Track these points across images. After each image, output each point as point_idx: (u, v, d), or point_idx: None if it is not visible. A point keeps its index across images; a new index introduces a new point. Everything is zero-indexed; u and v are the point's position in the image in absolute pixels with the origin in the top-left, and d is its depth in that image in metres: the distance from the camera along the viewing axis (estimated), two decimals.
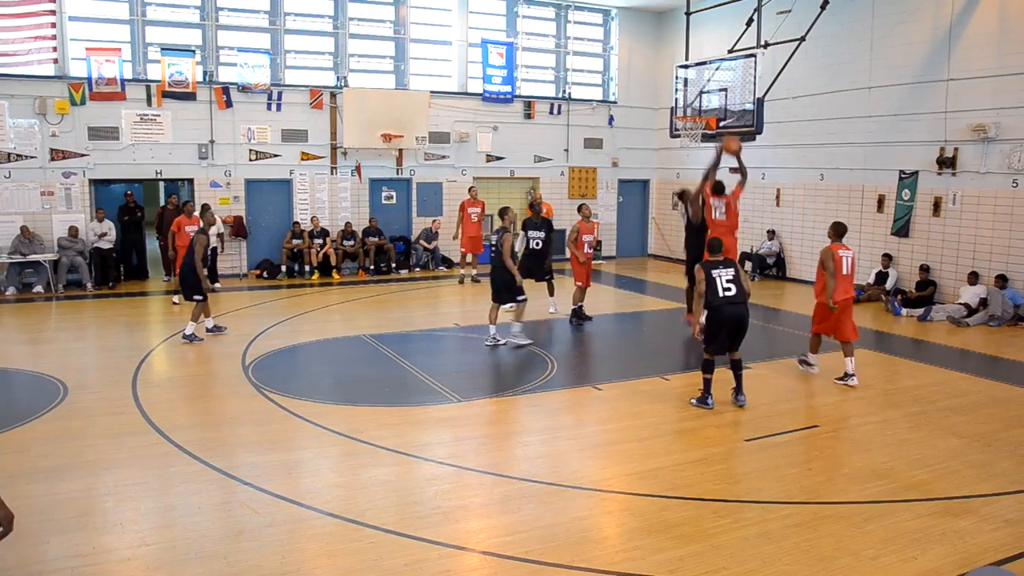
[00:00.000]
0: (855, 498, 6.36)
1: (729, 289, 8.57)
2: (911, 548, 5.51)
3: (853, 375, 9.71)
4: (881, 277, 15.63)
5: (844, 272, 9.74)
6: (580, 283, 13.22)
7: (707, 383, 8.76)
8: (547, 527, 5.77)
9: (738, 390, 8.84)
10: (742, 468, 7.03)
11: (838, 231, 9.99)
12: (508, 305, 11.51)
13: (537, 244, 13.28)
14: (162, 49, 16.75)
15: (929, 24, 14.92)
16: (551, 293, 13.91)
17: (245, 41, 17.88)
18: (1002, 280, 13.65)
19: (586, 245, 13.20)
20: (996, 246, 14.03)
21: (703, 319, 8.74)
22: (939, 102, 14.73)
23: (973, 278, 14.04)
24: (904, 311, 14.36)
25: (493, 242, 11.55)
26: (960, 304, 13.90)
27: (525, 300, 11.49)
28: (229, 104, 17.47)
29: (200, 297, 11.49)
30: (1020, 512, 6.14)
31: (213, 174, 17.54)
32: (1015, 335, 12.77)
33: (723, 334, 8.60)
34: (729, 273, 8.62)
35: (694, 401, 8.83)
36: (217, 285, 16.13)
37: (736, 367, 8.84)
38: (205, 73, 17.28)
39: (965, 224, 14.52)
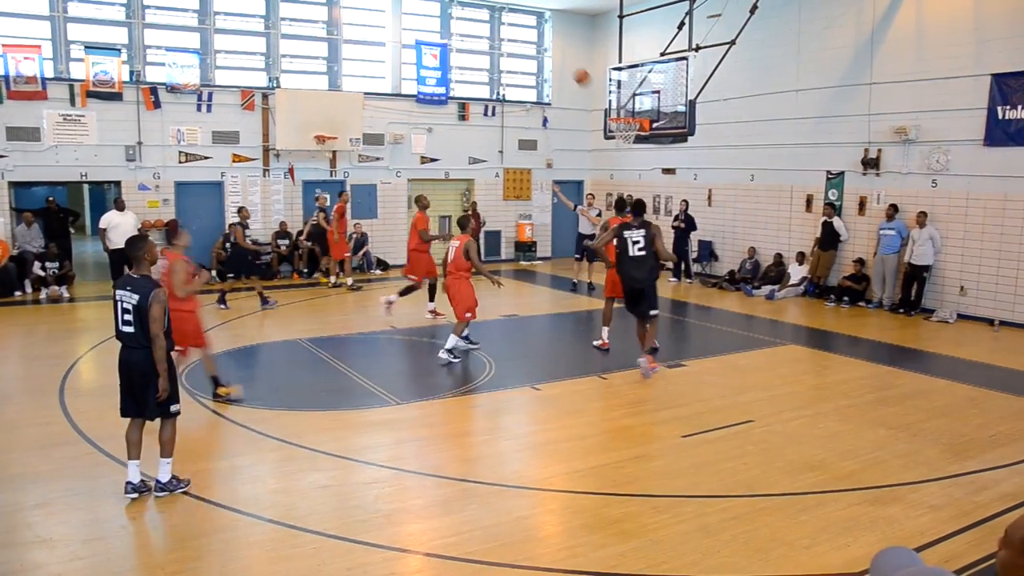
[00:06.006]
0: (789, 490, 6.53)
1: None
2: (843, 536, 5.68)
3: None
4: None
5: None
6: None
7: None
8: (489, 527, 5.78)
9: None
10: (680, 464, 7.15)
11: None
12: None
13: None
14: (86, 47, 16.25)
15: (852, 29, 15.40)
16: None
17: (173, 40, 17.48)
18: None
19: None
20: None
21: None
22: (863, 105, 15.21)
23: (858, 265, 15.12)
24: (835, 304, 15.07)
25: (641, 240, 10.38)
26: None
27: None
28: (157, 105, 17.05)
29: None
30: (943, 498, 6.39)
31: (141, 176, 17.10)
32: (939, 329, 13.25)
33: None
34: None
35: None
36: None
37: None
38: (132, 73, 16.83)
39: None
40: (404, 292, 13.17)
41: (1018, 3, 12.87)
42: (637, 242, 9.89)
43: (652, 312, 10.04)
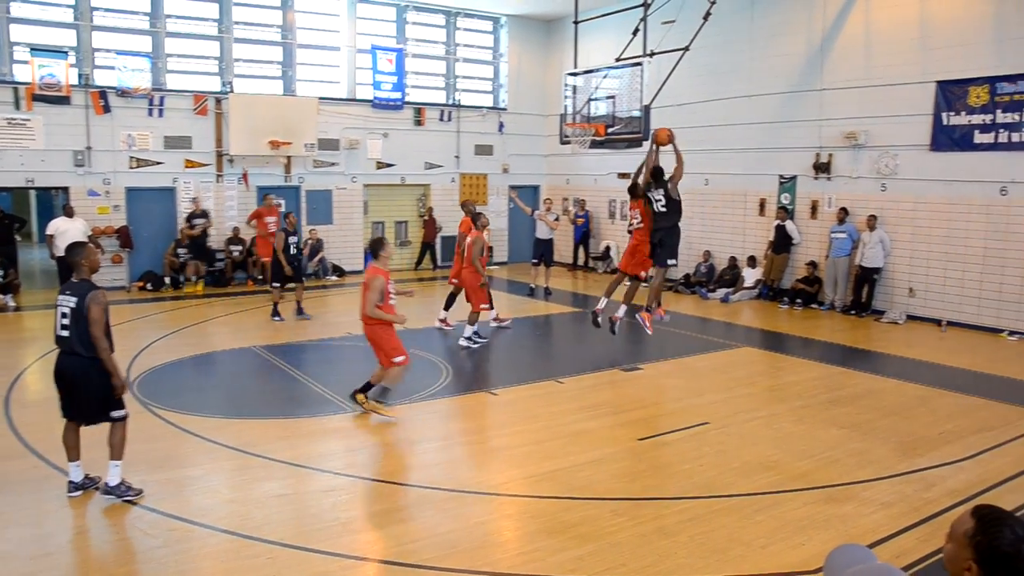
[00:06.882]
0: (745, 490, 6.60)
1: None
2: (798, 535, 5.75)
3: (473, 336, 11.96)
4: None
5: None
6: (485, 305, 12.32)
7: None
8: (447, 533, 5.75)
9: None
10: (637, 467, 7.19)
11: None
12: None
13: (294, 249, 13.88)
14: (31, 49, 15.86)
15: (803, 37, 15.67)
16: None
17: (124, 43, 17.15)
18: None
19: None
20: None
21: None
22: (814, 110, 15.49)
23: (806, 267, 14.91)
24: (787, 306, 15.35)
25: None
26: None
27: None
28: (107, 109, 16.71)
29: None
30: (894, 495, 6.51)
31: (91, 182, 16.74)
32: (889, 330, 13.51)
33: None
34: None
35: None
36: None
37: None
38: (80, 76, 16.47)
39: None
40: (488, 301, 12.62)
41: (961, 13, 13.21)
42: (659, 200, 11.46)
43: (670, 261, 11.35)
